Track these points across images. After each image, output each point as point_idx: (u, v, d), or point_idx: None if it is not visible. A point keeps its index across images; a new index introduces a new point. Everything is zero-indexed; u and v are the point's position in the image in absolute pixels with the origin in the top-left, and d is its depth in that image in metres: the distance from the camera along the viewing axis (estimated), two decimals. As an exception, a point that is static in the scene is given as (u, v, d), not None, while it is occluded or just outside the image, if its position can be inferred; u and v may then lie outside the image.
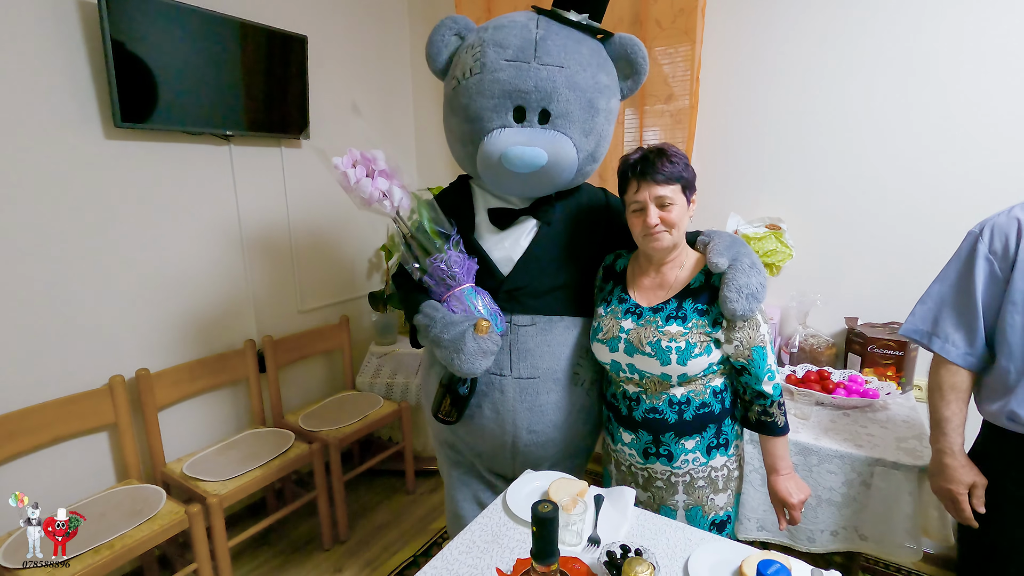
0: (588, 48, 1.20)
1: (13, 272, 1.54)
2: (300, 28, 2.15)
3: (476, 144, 1.19)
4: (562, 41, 1.17)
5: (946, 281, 1.13)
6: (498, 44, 1.17)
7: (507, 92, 1.14)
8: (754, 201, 2.02)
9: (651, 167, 1.06)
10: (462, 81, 1.19)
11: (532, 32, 1.17)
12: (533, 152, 1.14)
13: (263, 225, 2.19)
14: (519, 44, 1.16)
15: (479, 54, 1.17)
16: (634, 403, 1.17)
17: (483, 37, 1.19)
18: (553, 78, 1.14)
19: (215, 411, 2.09)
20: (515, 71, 1.14)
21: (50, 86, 1.58)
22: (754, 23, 1.94)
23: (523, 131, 1.16)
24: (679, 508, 1.19)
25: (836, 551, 1.42)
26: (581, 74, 1.17)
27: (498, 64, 1.15)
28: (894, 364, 1.68)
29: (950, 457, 1.11)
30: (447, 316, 1.18)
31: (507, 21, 1.21)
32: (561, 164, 1.18)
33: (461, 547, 0.99)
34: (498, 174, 1.19)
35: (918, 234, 1.77)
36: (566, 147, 1.17)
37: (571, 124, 1.18)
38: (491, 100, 1.15)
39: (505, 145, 1.14)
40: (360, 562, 1.99)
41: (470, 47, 1.21)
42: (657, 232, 1.08)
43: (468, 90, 1.18)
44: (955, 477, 1.10)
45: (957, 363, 1.10)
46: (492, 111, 1.16)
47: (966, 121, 1.67)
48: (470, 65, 1.18)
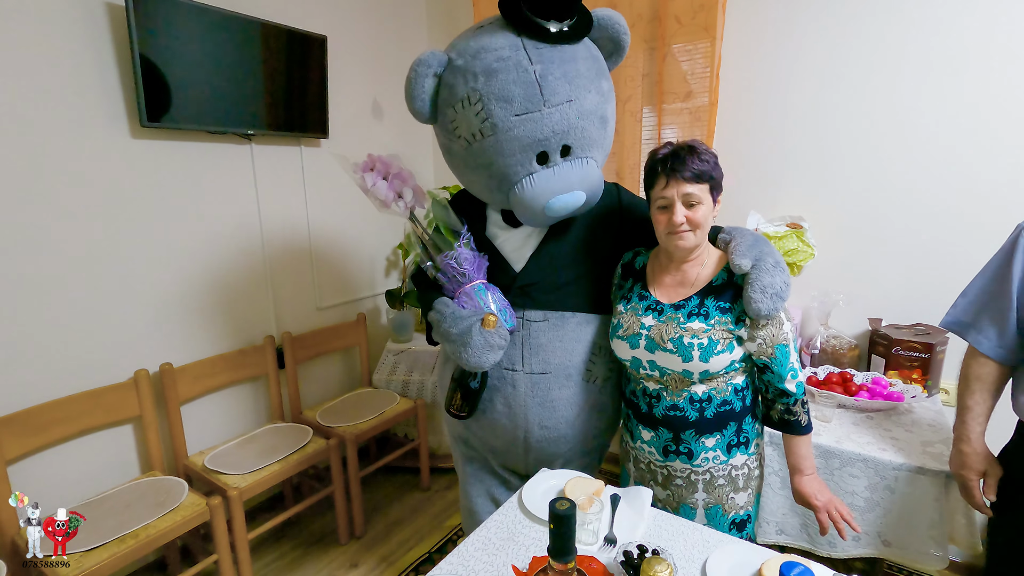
0: (583, 59, 1.15)
1: (44, 269, 1.59)
2: (320, 28, 2.17)
3: (505, 192, 1.18)
4: (560, 67, 1.11)
5: (987, 273, 1.12)
6: (501, 99, 1.09)
7: (527, 145, 1.12)
8: (775, 200, 1.99)
9: (681, 163, 1.04)
10: (474, 144, 1.14)
11: (529, 71, 1.09)
12: (574, 198, 1.14)
13: (283, 223, 2.22)
14: (523, 93, 1.09)
15: (484, 114, 1.10)
16: (654, 400, 1.16)
17: (479, 91, 1.10)
18: (566, 116, 1.11)
19: (235, 405, 2.13)
20: (530, 124, 1.10)
21: (80, 87, 1.62)
22: (775, 18, 1.90)
23: (554, 175, 1.13)
24: (699, 507, 1.18)
25: (858, 557, 1.39)
26: (588, 97, 1.14)
27: (510, 122, 1.10)
28: (920, 367, 1.64)
29: (966, 444, 1.13)
30: (456, 311, 1.20)
31: (494, 60, 1.09)
32: (595, 191, 1.19)
33: (477, 544, 0.99)
34: (538, 218, 1.19)
35: (944, 233, 1.72)
36: (595, 173, 1.18)
37: (591, 146, 1.17)
38: (512, 157, 1.13)
39: (545, 197, 1.13)
40: (376, 557, 2.01)
41: (467, 101, 1.11)
42: (682, 231, 1.07)
43: (485, 152, 1.14)
44: (968, 464, 1.12)
45: (987, 355, 1.10)
46: (517, 165, 1.14)
47: (993, 118, 1.62)
48: (479, 127, 1.12)
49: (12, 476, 1.51)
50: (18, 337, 1.55)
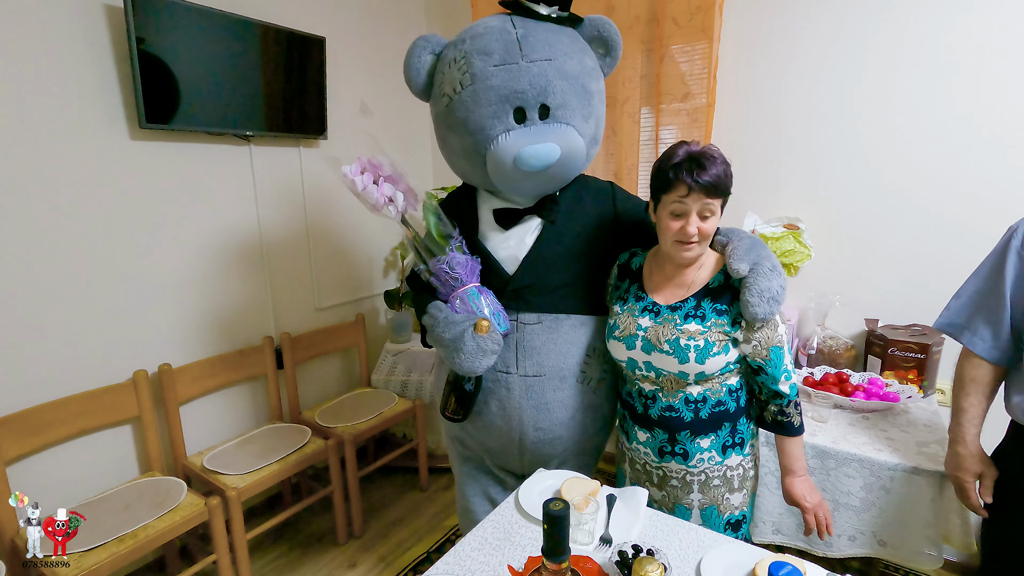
0: (567, 36, 1.21)
1: (43, 270, 1.60)
2: (318, 30, 2.18)
3: (482, 154, 1.19)
4: (543, 35, 1.18)
5: (980, 275, 1.13)
6: (482, 52, 1.16)
7: (504, 96, 1.14)
8: (772, 200, 2.00)
9: (704, 174, 1.01)
10: (454, 96, 1.19)
11: (512, 33, 1.17)
12: (547, 148, 1.14)
13: (282, 224, 2.23)
14: (503, 47, 1.16)
15: (465, 66, 1.17)
16: (650, 401, 1.17)
17: (464, 49, 1.18)
18: (544, 72, 1.15)
19: (234, 406, 2.13)
20: (507, 74, 1.14)
21: (79, 89, 1.62)
22: (772, 20, 1.91)
23: (529, 130, 1.16)
24: (694, 507, 1.18)
25: (854, 556, 1.40)
26: (569, 62, 1.18)
27: (488, 71, 1.15)
28: (915, 367, 1.65)
29: (961, 446, 1.14)
30: (449, 316, 1.20)
31: (482, 28, 1.20)
32: (572, 154, 1.19)
33: (473, 544, 1.00)
34: (513, 178, 1.19)
35: (940, 234, 1.73)
36: (573, 137, 1.18)
37: (571, 113, 1.18)
38: (490, 107, 1.15)
39: (517, 147, 1.14)
40: (374, 557, 2.01)
41: (452, 61, 1.20)
42: (692, 243, 1.06)
43: (463, 103, 1.17)
44: (964, 465, 1.13)
45: (982, 356, 1.11)
46: (493, 118, 1.15)
47: (989, 117, 1.62)
48: (459, 79, 1.17)
49: (12, 476, 1.52)
50: (18, 338, 1.56)
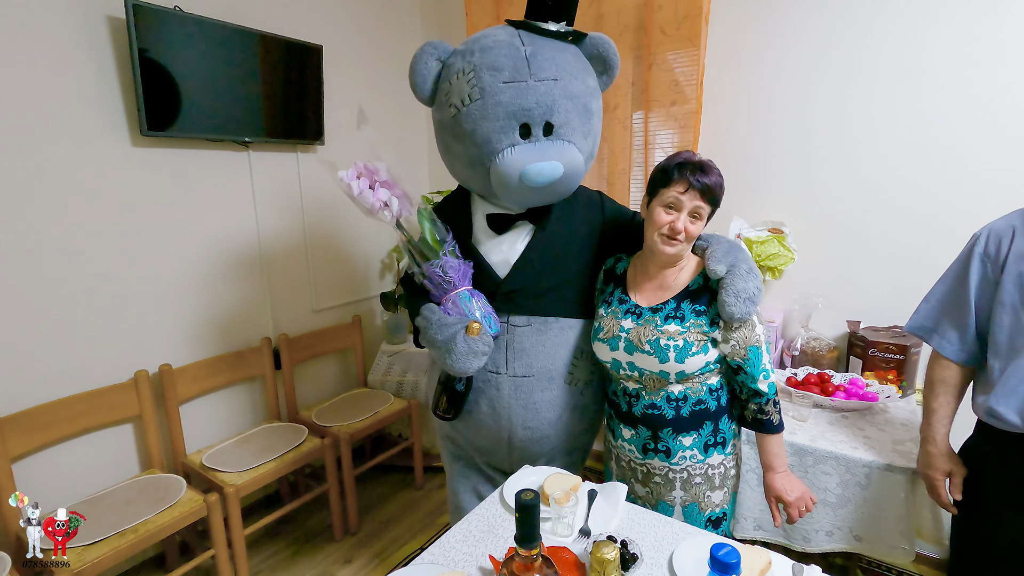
0: (572, 55, 1.25)
1: (48, 274, 1.64)
2: (316, 38, 2.22)
3: (486, 165, 1.22)
4: (550, 54, 1.21)
5: (947, 280, 1.18)
6: (492, 67, 1.19)
7: (511, 112, 1.18)
8: (757, 204, 2.04)
9: (705, 177, 1.10)
10: (462, 108, 1.21)
11: (520, 50, 1.20)
12: (551, 167, 1.18)
13: (280, 227, 2.27)
14: (512, 64, 1.19)
15: (475, 80, 1.19)
16: (634, 399, 1.21)
17: (473, 62, 1.21)
18: (551, 92, 1.19)
19: (233, 405, 2.18)
20: (515, 91, 1.18)
21: (82, 98, 1.67)
22: (757, 28, 1.96)
23: (534, 147, 1.19)
24: (676, 504, 1.22)
25: (831, 551, 1.44)
26: (574, 83, 1.22)
27: (497, 87, 1.18)
28: (895, 367, 1.69)
29: (932, 445, 1.18)
30: (442, 318, 1.24)
31: (492, 42, 1.23)
32: (573, 171, 1.23)
33: (458, 536, 1.04)
34: (517, 191, 1.22)
35: (920, 238, 1.78)
36: (575, 154, 1.22)
37: (573, 131, 1.22)
38: (496, 122, 1.18)
39: (522, 164, 1.18)
40: (369, 553, 2.06)
41: (461, 72, 1.22)
42: (676, 239, 1.12)
43: (471, 116, 1.20)
44: (934, 464, 1.18)
45: (950, 358, 1.15)
46: (499, 132, 1.19)
47: (968, 125, 1.67)
48: (468, 92, 1.20)
49: (16, 473, 1.57)
50: (24, 340, 1.61)
